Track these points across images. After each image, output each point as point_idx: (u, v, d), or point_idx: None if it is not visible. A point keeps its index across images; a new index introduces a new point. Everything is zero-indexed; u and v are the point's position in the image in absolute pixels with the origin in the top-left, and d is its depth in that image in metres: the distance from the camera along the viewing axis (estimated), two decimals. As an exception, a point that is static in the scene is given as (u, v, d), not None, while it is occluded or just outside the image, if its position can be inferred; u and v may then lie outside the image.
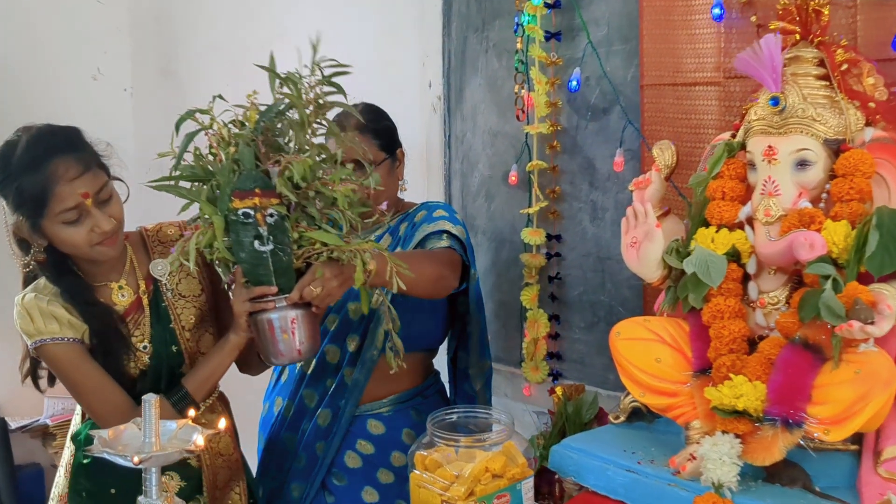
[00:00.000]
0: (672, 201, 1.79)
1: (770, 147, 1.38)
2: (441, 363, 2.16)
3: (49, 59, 3.44)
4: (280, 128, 1.57)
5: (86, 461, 1.73)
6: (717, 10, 1.79)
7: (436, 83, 2.75)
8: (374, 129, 1.93)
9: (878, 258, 1.25)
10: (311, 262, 1.55)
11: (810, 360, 1.26)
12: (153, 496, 1.19)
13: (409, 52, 2.81)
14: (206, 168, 1.54)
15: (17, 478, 2.84)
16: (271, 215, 1.48)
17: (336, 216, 1.54)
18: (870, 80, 1.40)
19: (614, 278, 2.18)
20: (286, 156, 1.50)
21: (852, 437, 1.25)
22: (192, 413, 1.37)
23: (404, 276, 1.57)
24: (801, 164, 1.37)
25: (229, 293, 1.63)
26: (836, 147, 1.37)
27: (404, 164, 2.05)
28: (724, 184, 1.45)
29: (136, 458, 1.17)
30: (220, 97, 1.53)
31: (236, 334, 1.66)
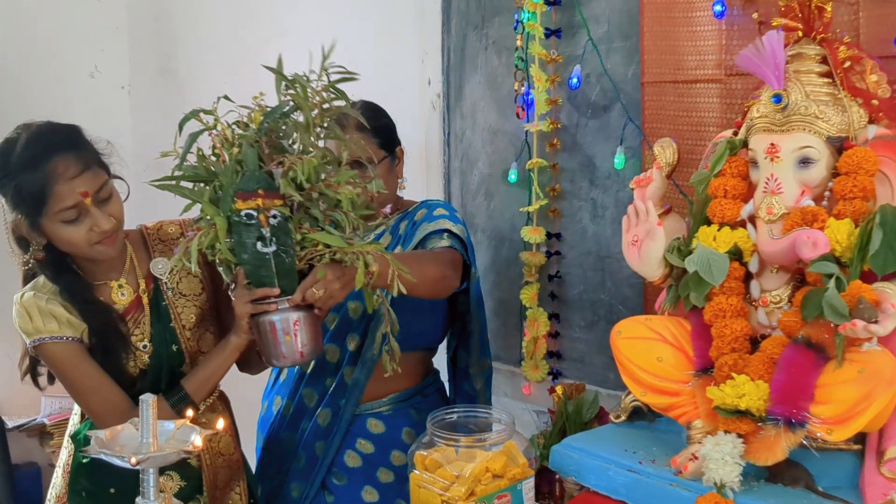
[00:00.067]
0: (673, 199, 1.78)
1: (772, 145, 1.37)
2: (440, 362, 2.15)
3: (47, 56, 3.43)
4: (284, 129, 1.56)
5: (85, 461, 1.72)
6: (718, 7, 1.78)
7: (435, 80, 2.74)
8: (374, 128, 1.92)
9: (882, 256, 1.25)
10: (314, 264, 1.54)
11: (813, 359, 1.26)
12: (151, 497, 1.18)
13: (409, 50, 2.79)
14: (208, 169, 1.53)
15: (15, 477, 2.82)
16: (274, 216, 1.47)
17: (339, 218, 1.54)
18: (873, 78, 1.40)
19: (614, 277, 2.17)
20: (290, 157, 1.50)
21: (855, 436, 1.24)
22: (189, 413, 1.36)
23: (406, 280, 1.56)
24: (804, 161, 1.36)
25: (230, 294, 1.62)
26: (838, 145, 1.36)
27: (403, 162, 2.04)
28: (726, 182, 1.45)
29: (134, 459, 1.16)
30: (227, 98, 1.52)
31: (237, 336, 1.65)
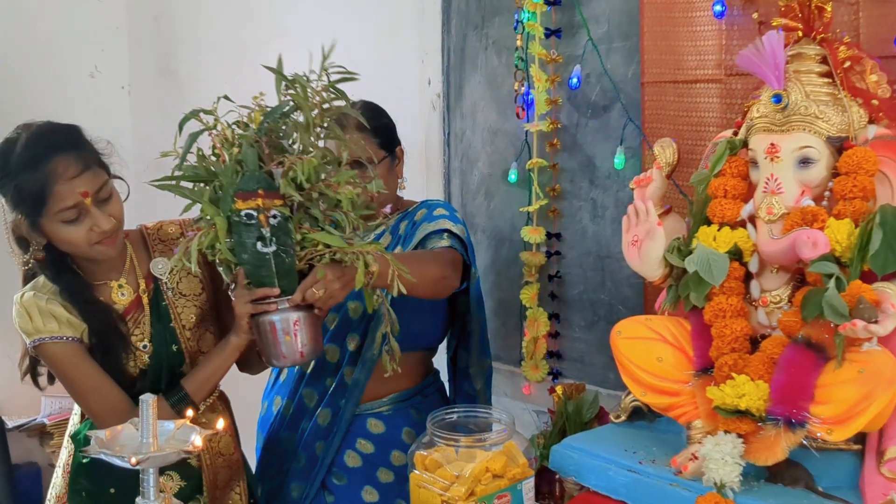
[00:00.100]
0: (673, 199, 1.77)
1: (773, 145, 1.37)
2: (440, 362, 2.15)
3: (47, 56, 3.43)
4: (284, 129, 1.56)
5: (85, 461, 1.72)
6: (718, 7, 1.78)
7: (435, 80, 2.73)
8: (374, 128, 1.92)
9: (882, 256, 1.25)
10: (314, 264, 1.54)
11: (813, 359, 1.26)
12: (151, 497, 1.18)
13: (409, 50, 2.79)
14: (208, 169, 1.53)
15: (15, 477, 2.82)
16: (274, 216, 1.47)
17: (340, 218, 1.53)
18: (873, 78, 1.40)
19: (614, 277, 2.17)
20: (290, 157, 1.49)
21: (855, 436, 1.24)
22: (189, 413, 1.36)
23: (406, 280, 1.56)
24: (804, 161, 1.36)
25: (230, 294, 1.62)
26: (838, 145, 1.36)
27: (403, 162, 2.04)
28: (726, 182, 1.45)
29: (134, 460, 1.16)
30: (227, 98, 1.52)
31: (237, 336, 1.65)
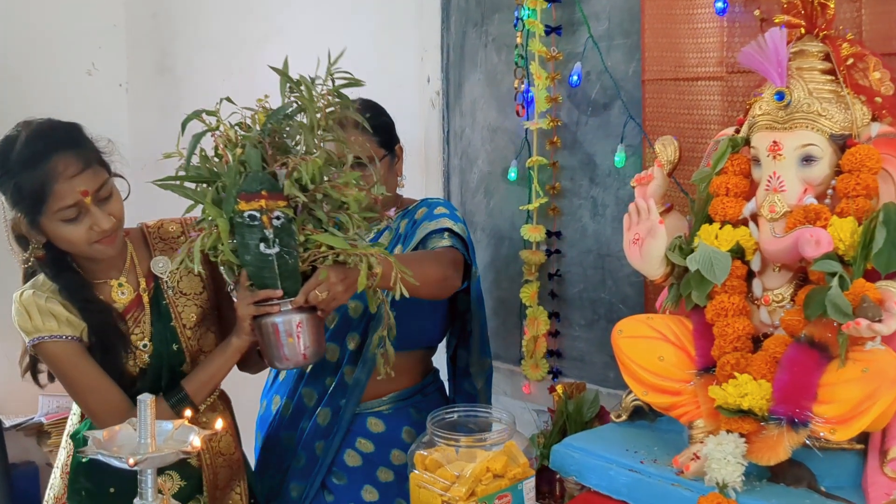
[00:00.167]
0: (674, 197, 1.77)
1: (775, 142, 1.36)
2: (440, 361, 2.14)
3: (44, 54, 3.43)
4: (288, 130, 1.55)
5: (84, 460, 1.71)
6: (719, 4, 1.77)
7: (434, 78, 2.72)
8: (373, 126, 1.90)
9: (885, 255, 1.24)
10: (317, 266, 1.53)
11: (816, 358, 1.25)
12: (149, 498, 1.17)
13: (408, 47, 2.78)
14: (211, 169, 1.52)
15: (12, 476, 2.81)
16: (277, 218, 1.46)
17: (344, 219, 1.53)
18: (876, 75, 1.39)
19: (615, 275, 2.16)
20: (294, 157, 1.49)
21: (858, 436, 1.23)
22: (188, 413, 1.35)
23: (408, 282, 1.55)
24: (807, 159, 1.35)
25: (232, 296, 1.61)
26: (841, 142, 1.35)
27: (403, 160, 2.03)
28: (728, 180, 1.44)
29: (132, 460, 1.15)
30: (229, 100, 1.51)
31: (239, 338, 1.64)
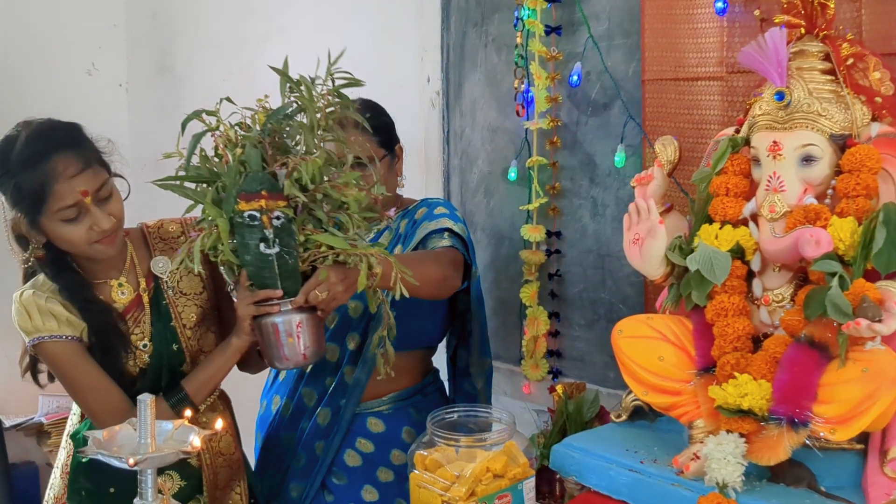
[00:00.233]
0: (674, 197, 1.77)
1: (775, 142, 1.36)
2: (439, 361, 2.14)
3: (44, 54, 3.43)
4: (288, 130, 1.55)
5: (84, 460, 1.70)
6: (719, 4, 1.77)
7: (434, 78, 2.72)
8: (373, 126, 1.90)
9: (885, 255, 1.24)
10: (317, 266, 1.53)
11: (816, 358, 1.25)
12: (149, 498, 1.17)
13: (408, 47, 2.78)
14: (211, 169, 1.52)
15: (12, 476, 2.81)
16: (277, 218, 1.46)
17: (344, 219, 1.53)
18: (876, 75, 1.39)
19: (615, 275, 2.16)
20: (294, 157, 1.49)
21: (858, 436, 1.23)
22: (188, 413, 1.35)
23: (408, 282, 1.55)
24: (807, 159, 1.35)
25: (232, 295, 1.61)
26: (841, 142, 1.35)
27: (403, 160, 2.03)
28: (728, 180, 1.44)
29: (132, 460, 1.15)
30: (229, 100, 1.51)
31: (239, 337, 1.64)
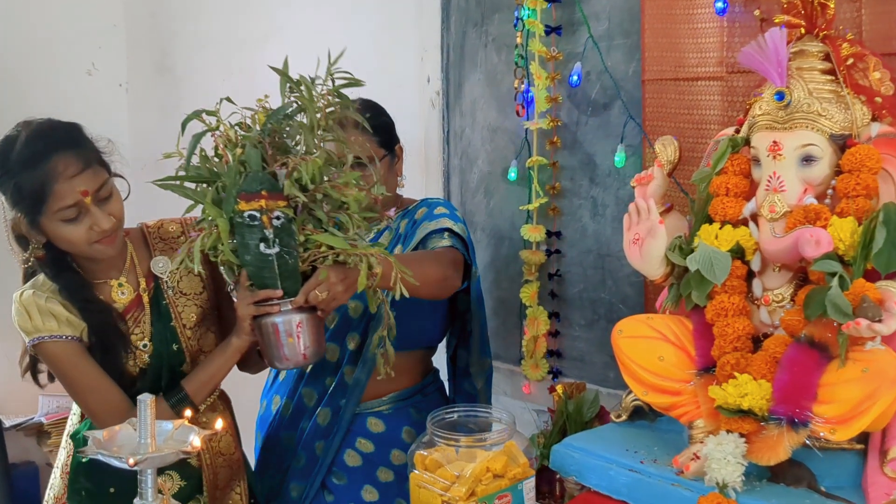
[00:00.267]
0: (674, 197, 1.77)
1: (775, 142, 1.36)
2: (439, 361, 2.14)
3: (44, 54, 3.42)
4: (288, 130, 1.55)
5: (85, 460, 1.70)
6: (719, 4, 1.78)
7: (434, 78, 2.72)
8: (373, 126, 1.90)
9: (886, 255, 1.24)
10: (317, 266, 1.53)
11: (816, 358, 1.25)
12: (149, 498, 1.17)
13: (408, 47, 2.78)
14: (211, 169, 1.51)
15: (12, 476, 2.81)
16: (277, 218, 1.46)
17: (344, 219, 1.52)
18: (876, 75, 1.39)
19: (615, 275, 2.16)
20: (294, 157, 1.49)
21: (858, 436, 1.23)
22: (188, 413, 1.35)
23: (408, 283, 1.55)
24: (807, 159, 1.35)
25: (232, 296, 1.61)
26: (841, 142, 1.35)
27: (403, 160, 2.03)
28: (728, 180, 1.44)
29: (132, 460, 1.15)
30: (228, 100, 1.51)
31: (239, 338, 1.64)
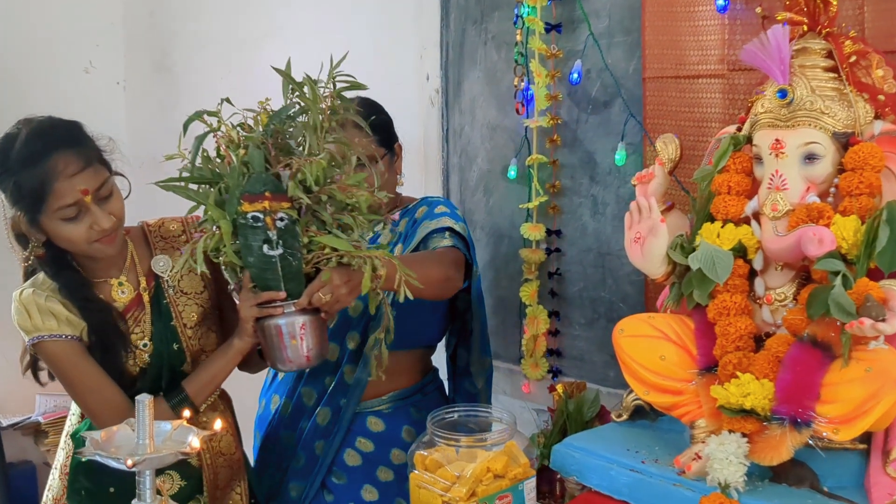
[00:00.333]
0: (675, 196, 1.76)
1: (777, 140, 1.35)
2: (439, 361, 2.14)
3: (42, 52, 3.41)
4: (291, 131, 1.54)
5: (84, 459, 1.69)
6: (720, 1, 1.76)
7: (434, 76, 2.71)
8: (372, 124, 1.90)
9: (889, 254, 1.23)
10: (321, 268, 1.52)
11: (819, 357, 1.24)
12: (147, 499, 1.16)
13: (407, 45, 2.77)
14: (214, 171, 1.51)
15: (9, 475, 2.81)
16: (281, 219, 1.45)
17: (348, 221, 1.52)
18: (879, 72, 1.38)
19: (615, 274, 2.15)
20: (298, 158, 1.48)
21: (861, 436, 1.23)
22: (187, 413, 1.34)
23: (412, 285, 1.54)
24: (810, 157, 1.34)
25: (235, 297, 1.60)
26: (844, 140, 1.34)
27: (402, 158, 2.02)
28: (730, 178, 1.43)
29: (130, 461, 1.14)
30: (228, 101, 1.50)
31: (241, 339, 1.63)
